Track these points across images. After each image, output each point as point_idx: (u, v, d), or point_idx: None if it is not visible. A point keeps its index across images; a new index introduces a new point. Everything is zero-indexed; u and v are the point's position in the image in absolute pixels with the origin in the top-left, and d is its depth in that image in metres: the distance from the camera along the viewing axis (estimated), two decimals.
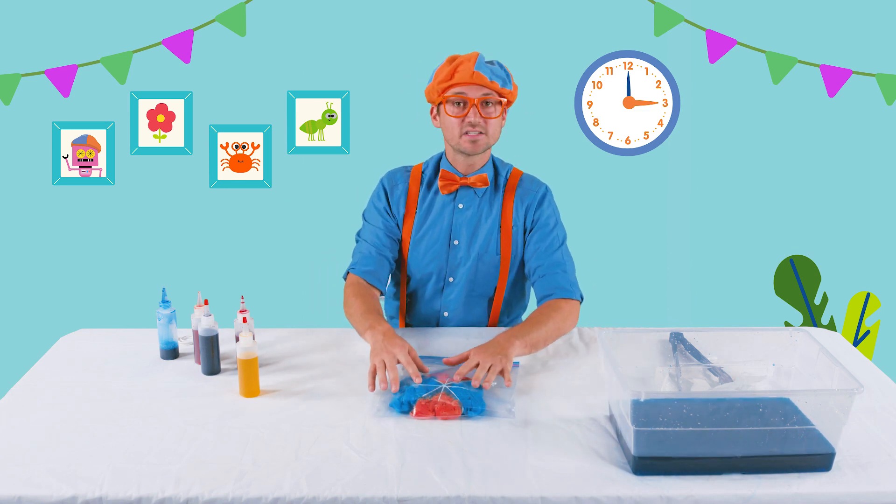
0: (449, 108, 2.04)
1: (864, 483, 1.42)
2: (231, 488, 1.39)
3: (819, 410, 1.46)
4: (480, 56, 2.02)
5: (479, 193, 2.13)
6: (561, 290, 2.04)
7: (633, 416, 1.42)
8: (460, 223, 2.13)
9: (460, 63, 2.01)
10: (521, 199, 2.13)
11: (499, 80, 2.02)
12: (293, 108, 2.98)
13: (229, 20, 2.86)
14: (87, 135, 2.97)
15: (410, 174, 2.18)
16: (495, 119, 2.05)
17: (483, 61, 2.02)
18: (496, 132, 2.07)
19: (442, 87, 2.03)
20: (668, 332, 1.77)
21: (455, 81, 2.01)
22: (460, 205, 2.13)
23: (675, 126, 3.02)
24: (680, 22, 2.90)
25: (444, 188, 2.11)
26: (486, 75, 1.99)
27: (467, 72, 1.99)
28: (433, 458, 1.49)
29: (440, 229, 2.14)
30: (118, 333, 2.09)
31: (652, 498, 1.38)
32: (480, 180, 2.10)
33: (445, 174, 2.11)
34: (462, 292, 2.15)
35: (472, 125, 2.02)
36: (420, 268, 2.16)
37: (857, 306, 3.12)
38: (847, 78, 2.90)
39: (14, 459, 1.48)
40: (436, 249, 2.14)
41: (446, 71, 2.02)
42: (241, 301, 1.91)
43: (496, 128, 2.07)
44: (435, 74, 2.06)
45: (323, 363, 1.91)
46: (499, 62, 2.07)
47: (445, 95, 2.03)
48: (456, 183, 2.11)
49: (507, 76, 2.05)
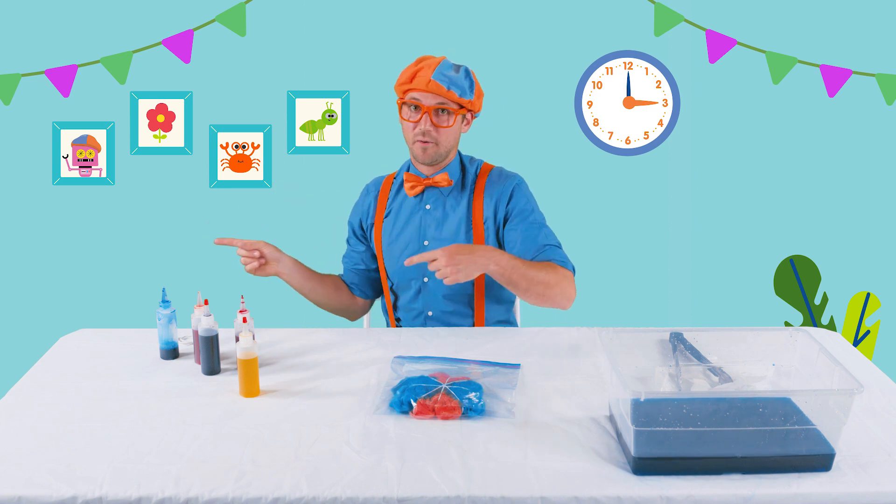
0: (405, 111, 2.05)
1: (864, 483, 1.42)
2: (231, 488, 1.39)
3: (819, 410, 1.46)
4: (444, 62, 2.01)
5: (445, 193, 2.14)
6: (554, 262, 2.04)
7: (633, 416, 1.42)
8: (428, 223, 2.14)
9: (421, 68, 2.01)
10: (490, 195, 2.12)
11: (457, 90, 2.01)
12: (293, 108, 2.98)
13: (229, 20, 2.86)
14: (87, 135, 2.98)
15: (383, 181, 2.22)
16: (448, 128, 2.04)
17: (445, 69, 2.00)
18: (449, 141, 2.07)
19: (401, 89, 2.04)
20: (668, 332, 1.77)
21: (412, 86, 2.01)
22: (427, 205, 2.14)
23: (675, 126, 3.02)
24: (680, 22, 2.90)
25: (409, 190, 2.12)
26: (443, 84, 1.98)
27: (424, 79, 1.99)
28: (433, 458, 1.49)
29: (410, 231, 2.15)
30: (118, 333, 2.09)
31: (652, 498, 1.38)
32: (444, 179, 2.10)
33: (409, 176, 2.13)
34: (440, 291, 2.15)
35: (423, 133, 2.02)
36: (396, 271, 2.18)
37: (857, 306, 3.12)
38: (847, 78, 2.90)
39: (14, 459, 1.48)
40: (408, 252, 2.14)
41: (408, 73, 2.03)
42: (241, 301, 1.91)
43: (449, 136, 2.06)
44: (401, 73, 2.06)
45: (323, 363, 1.91)
46: (466, 68, 2.05)
47: (404, 98, 2.04)
48: (420, 184, 2.11)
49: (469, 85, 2.04)
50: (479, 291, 2.15)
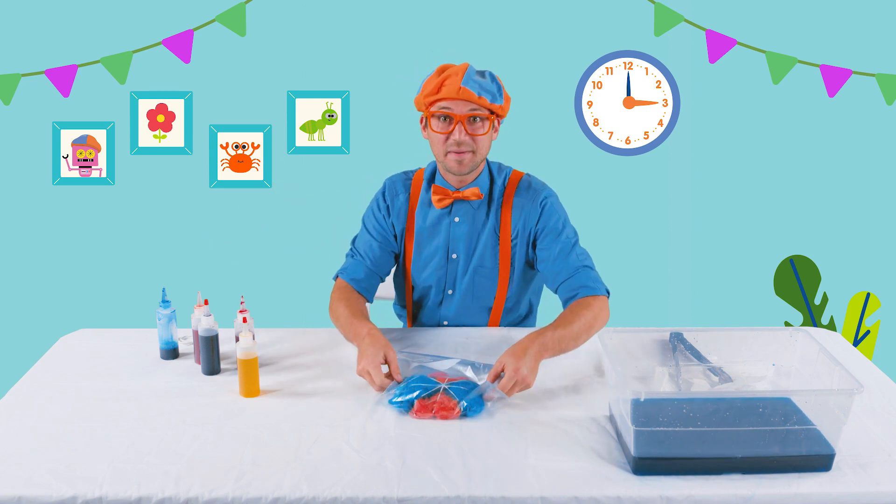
0: (434, 122, 1.96)
1: (864, 483, 1.42)
2: (231, 488, 1.39)
3: (819, 410, 1.46)
4: (470, 68, 1.92)
5: (475, 205, 2.06)
6: (585, 289, 1.96)
7: (633, 416, 1.42)
8: (457, 237, 2.08)
9: (448, 76, 1.92)
10: (519, 209, 2.05)
11: (487, 95, 1.92)
12: (293, 108, 2.98)
13: (229, 20, 2.86)
14: (87, 135, 2.97)
15: (412, 183, 2.12)
16: (483, 136, 1.96)
17: (472, 74, 1.92)
18: (485, 148, 1.99)
19: (428, 100, 1.94)
20: (668, 332, 1.77)
21: (441, 96, 1.92)
22: (456, 218, 2.07)
23: (675, 126, 3.02)
24: (680, 22, 2.90)
25: (437, 203, 2.05)
26: (473, 91, 1.90)
27: (454, 87, 1.89)
28: (433, 458, 1.49)
29: (438, 243, 2.09)
30: (118, 333, 2.09)
31: (652, 498, 1.38)
32: (473, 194, 2.03)
33: (438, 189, 2.04)
34: (461, 303, 2.12)
35: (459, 143, 1.94)
36: (420, 279, 2.13)
37: (857, 306, 3.12)
38: (847, 78, 2.90)
39: (14, 459, 1.48)
40: (435, 263, 2.10)
41: (434, 83, 1.93)
42: (241, 301, 1.91)
43: (485, 144, 1.98)
44: (423, 85, 1.97)
45: (323, 363, 1.91)
46: (490, 73, 1.97)
47: (431, 110, 1.95)
48: (449, 197, 2.04)
49: (497, 89, 1.95)
50: (498, 303, 2.12)
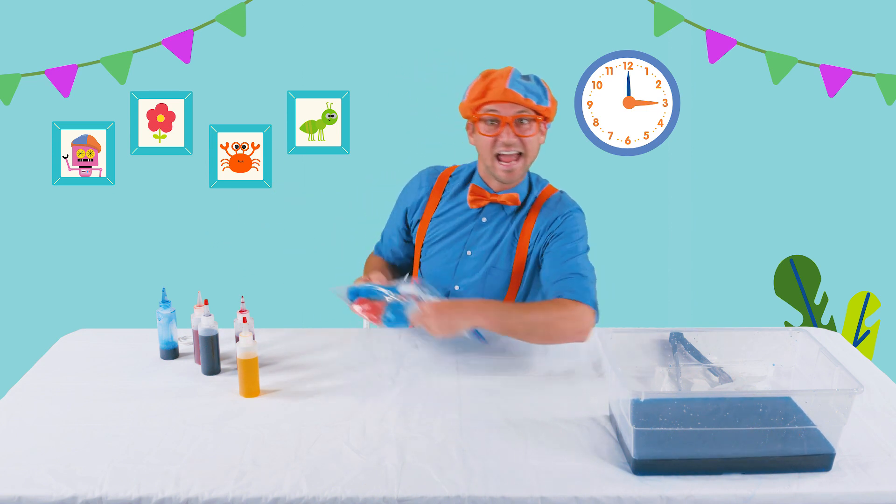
0: (482, 126, 1.96)
1: (864, 483, 1.42)
2: (231, 488, 1.39)
3: (819, 410, 1.46)
4: (515, 71, 1.94)
5: (507, 210, 2.06)
6: (570, 293, 1.90)
7: (633, 416, 1.42)
8: (478, 235, 2.07)
9: (493, 80, 1.93)
10: (544, 217, 2.03)
11: (534, 97, 1.93)
12: (293, 108, 2.98)
13: (229, 20, 2.86)
14: (87, 135, 2.97)
15: (439, 176, 2.14)
16: (531, 137, 1.95)
17: (517, 77, 1.93)
18: (533, 151, 1.98)
19: (475, 104, 1.95)
20: (668, 332, 1.77)
21: (488, 99, 1.92)
22: (483, 218, 2.07)
23: (675, 126, 3.02)
24: (680, 22, 2.90)
25: (472, 202, 2.04)
26: (519, 92, 1.91)
27: (500, 89, 1.91)
28: (433, 458, 1.49)
29: (456, 237, 2.09)
30: (118, 333, 2.09)
31: (652, 498, 1.39)
32: (511, 199, 2.03)
33: (476, 189, 2.05)
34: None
35: (507, 145, 1.94)
36: (429, 270, 2.13)
37: (857, 306, 3.12)
38: (847, 78, 2.90)
39: (14, 459, 1.48)
40: (447, 256, 2.09)
41: (479, 88, 1.94)
42: (241, 301, 1.91)
43: (533, 146, 1.97)
44: (468, 91, 1.98)
45: (323, 363, 1.91)
46: (535, 77, 1.98)
47: (478, 114, 1.95)
48: (485, 199, 2.04)
49: (543, 92, 1.96)
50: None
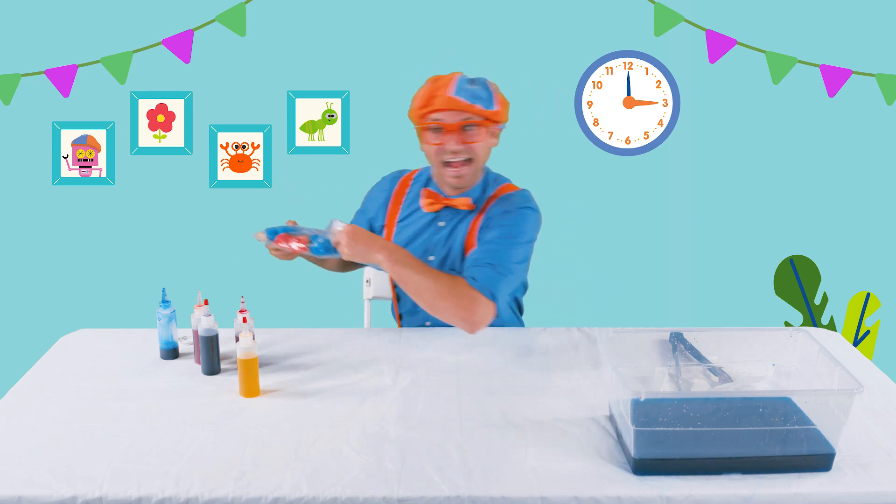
0: (428, 135, 1.96)
1: (864, 483, 1.42)
2: (231, 488, 1.39)
3: (819, 410, 1.46)
4: (461, 78, 1.92)
5: (462, 213, 2.06)
6: (473, 280, 1.87)
7: (633, 416, 1.42)
8: (437, 240, 2.08)
9: (438, 87, 1.92)
10: (487, 214, 2.03)
11: (480, 102, 1.91)
12: (293, 108, 2.98)
13: (229, 20, 2.86)
14: (87, 135, 2.97)
15: (400, 181, 2.15)
16: (478, 143, 1.95)
17: (463, 83, 1.91)
18: (483, 156, 1.98)
19: (420, 112, 1.94)
20: (668, 332, 1.77)
21: (432, 107, 1.91)
22: (441, 223, 2.07)
23: (675, 126, 3.02)
24: (680, 22, 2.90)
25: (426, 206, 2.05)
26: (465, 99, 1.89)
27: (443, 97, 1.89)
28: (433, 458, 1.49)
29: (418, 243, 2.09)
30: (118, 333, 2.09)
31: (652, 498, 1.38)
32: (465, 204, 2.03)
33: (429, 193, 2.05)
34: None
35: (454, 153, 1.93)
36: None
37: (857, 306, 3.12)
38: (847, 78, 2.90)
39: (14, 459, 1.48)
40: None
41: (424, 95, 1.93)
42: (241, 301, 1.91)
43: (482, 151, 1.97)
44: (414, 98, 1.97)
45: (323, 363, 1.91)
46: (483, 81, 1.95)
47: (424, 122, 1.95)
48: (439, 203, 2.05)
49: (489, 96, 1.93)
50: None
